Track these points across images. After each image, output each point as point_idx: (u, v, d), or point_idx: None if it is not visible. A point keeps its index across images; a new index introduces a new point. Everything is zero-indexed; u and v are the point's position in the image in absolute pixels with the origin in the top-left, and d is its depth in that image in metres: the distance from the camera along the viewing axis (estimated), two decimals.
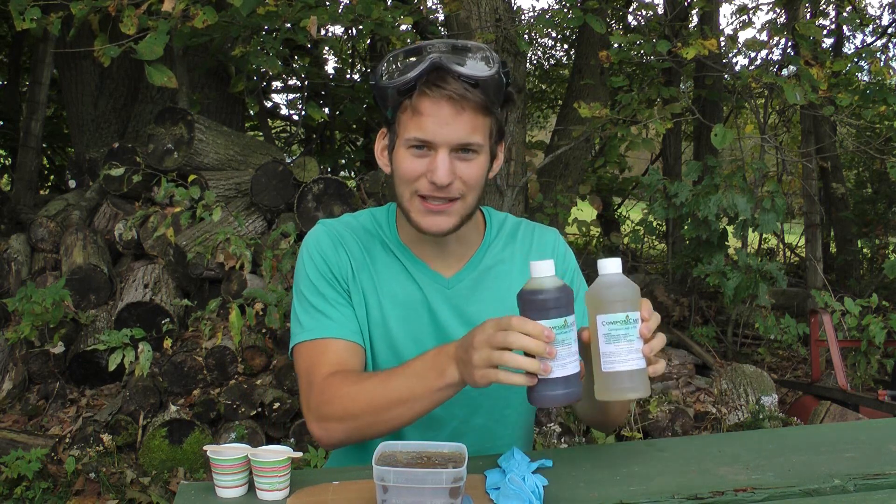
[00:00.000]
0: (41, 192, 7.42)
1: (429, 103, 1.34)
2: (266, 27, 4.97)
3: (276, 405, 3.76)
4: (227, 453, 1.25)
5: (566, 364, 1.18)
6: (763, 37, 6.19)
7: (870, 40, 8.51)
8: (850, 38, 8.53)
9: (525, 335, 1.15)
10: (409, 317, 1.48)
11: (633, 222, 8.15)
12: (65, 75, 6.27)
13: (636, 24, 7.93)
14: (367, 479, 1.19)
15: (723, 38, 5.50)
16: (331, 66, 9.49)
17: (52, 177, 9.09)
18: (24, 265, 4.61)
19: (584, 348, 1.24)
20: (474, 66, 1.34)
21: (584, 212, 7.11)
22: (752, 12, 7.06)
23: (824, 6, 7.11)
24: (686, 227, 4.87)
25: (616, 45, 4.97)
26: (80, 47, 5.09)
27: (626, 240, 7.77)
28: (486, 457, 1.39)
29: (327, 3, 4.87)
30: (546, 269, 1.19)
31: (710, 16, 6.75)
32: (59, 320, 4.01)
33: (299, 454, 1.27)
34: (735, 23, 10.51)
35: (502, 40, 4.72)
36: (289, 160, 6.14)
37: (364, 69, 9.38)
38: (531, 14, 9.39)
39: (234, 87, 5.46)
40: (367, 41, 8.93)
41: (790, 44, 5.76)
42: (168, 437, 3.67)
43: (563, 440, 3.78)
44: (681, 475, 1.31)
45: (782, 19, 6.36)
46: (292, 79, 7.93)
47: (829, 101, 4.76)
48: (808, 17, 6.50)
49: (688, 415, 4.01)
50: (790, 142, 9.00)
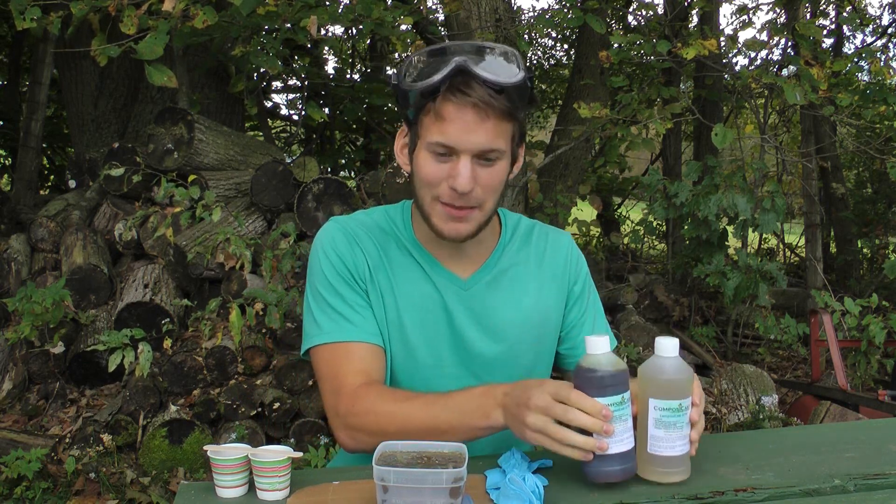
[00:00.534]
0: (41, 192, 7.42)
1: (453, 109, 1.31)
2: (266, 27, 4.97)
3: (276, 405, 3.76)
4: (227, 453, 1.24)
5: (623, 440, 1.19)
6: (763, 37, 6.19)
7: (870, 40, 8.52)
8: (850, 38, 8.54)
9: (583, 413, 1.15)
10: (424, 317, 1.47)
11: (633, 222, 8.16)
12: (65, 75, 6.27)
13: (636, 24, 7.92)
14: (367, 479, 1.19)
15: (723, 38, 5.50)
16: (331, 66, 9.50)
17: (52, 177, 9.09)
18: (24, 265, 4.61)
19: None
20: (499, 71, 1.31)
21: (584, 212, 7.11)
22: (752, 12, 7.07)
23: (824, 6, 7.11)
24: (686, 227, 4.87)
25: (616, 45, 4.97)
26: (80, 47, 5.09)
27: (626, 240, 7.77)
28: (486, 457, 1.39)
29: (327, 3, 4.87)
30: (602, 345, 1.20)
31: (710, 16, 6.76)
32: (59, 320, 4.01)
33: (299, 454, 1.27)
34: (735, 23, 10.53)
35: (502, 40, 4.72)
36: (289, 160, 6.14)
37: (364, 69, 9.39)
38: (531, 14, 9.39)
39: (234, 87, 5.46)
40: (367, 41, 8.95)
41: (790, 44, 5.76)
42: (168, 437, 3.67)
43: None
44: None
45: (782, 19, 6.36)
46: (292, 79, 7.93)
47: (829, 101, 4.76)
48: (808, 17, 6.50)
49: None
50: (790, 142, 9.00)
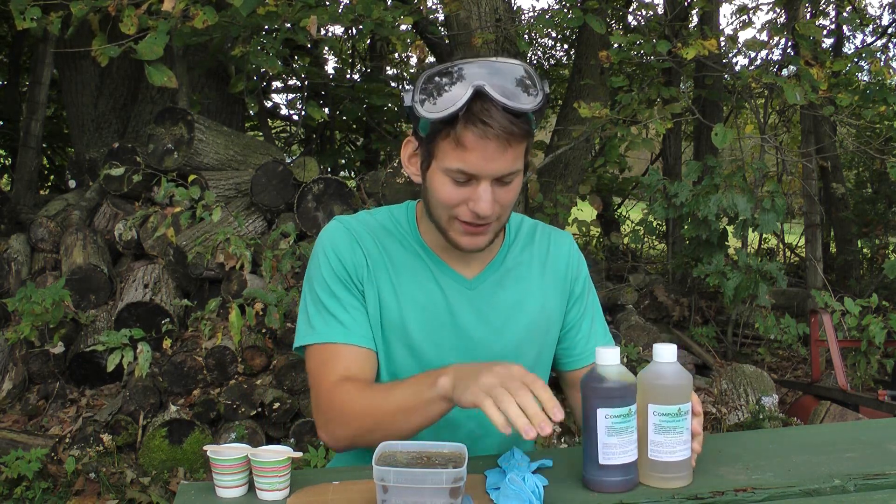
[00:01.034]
0: (41, 192, 7.41)
1: (473, 138, 1.28)
2: (266, 27, 4.97)
3: (276, 405, 3.76)
4: (227, 453, 1.24)
5: (626, 452, 1.20)
6: (763, 37, 6.20)
7: (870, 40, 8.52)
8: (850, 38, 8.54)
9: (534, 400, 1.14)
10: (428, 318, 1.47)
11: (633, 222, 8.17)
12: (65, 75, 6.27)
13: (636, 24, 7.92)
14: (367, 479, 1.19)
15: (723, 38, 5.50)
16: (331, 66, 9.50)
17: (52, 177, 9.09)
18: (24, 265, 4.61)
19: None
20: (520, 97, 1.28)
21: (584, 212, 7.12)
22: (752, 12, 7.07)
23: (824, 6, 7.11)
24: (686, 227, 4.87)
25: (616, 45, 4.97)
26: (80, 47, 5.09)
27: (626, 240, 7.78)
28: (486, 457, 1.39)
29: (327, 3, 4.87)
30: (612, 357, 1.21)
31: (710, 16, 6.75)
32: (59, 320, 4.01)
33: (299, 454, 1.27)
34: (735, 23, 10.52)
35: (502, 40, 4.72)
36: (289, 160, 6.14)
37: (364, 69, 9.39)
38: (531, 14, 9.39)
39: (234, 87, 5.46)
40: (367, 41, 8.95)
41: (790, 44, 5.76)
42: (168, 437, 3.67)
43: (563, 440, 3.78)
44: None
45: (782, 19, 6.36)
46: (292, 79, 7.93)
47: (829, 101, 4.76)
48: (808, 17, 6.51)
49: None
50: (790, 142, 9.01)
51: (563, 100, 7.88)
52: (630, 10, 8.22)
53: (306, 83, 6.87)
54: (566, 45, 10.10)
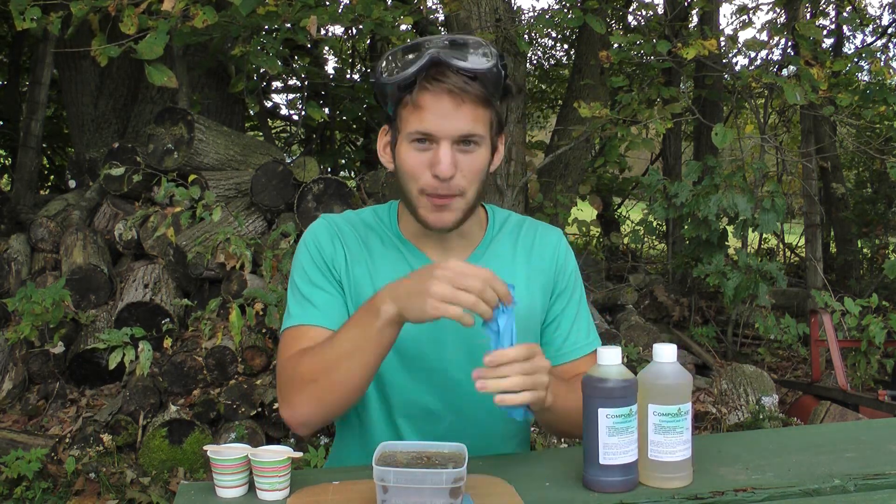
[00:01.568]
0: (41, 192, 7.41)
1: (429, 97, 1.35)
2: (266, 27, 4.97)
3: (276, 405, 3.76)
4: (227, 453, 1.24)
5: (627, 452, 1.20)
6: (763, 37, 6.20)
7: (870, 40, 8.52)
8: (850, 38, 8.54)
9: (489, 289, 1.21)
10: None
11: (633, 222, 8.15)
12: (65, 75, 6.27)
13: (636, 24, 7.93)
14: (367, 479, 1.19)
15: (723, 38, 5.50)
16: (331, 66, 9.50)
17: (52, 177, 9.08)
18: (24, 265, 4.61)
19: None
20: (473, 60, 1.36)
21: (584, 212, 7.11)
22: (752, 12, 7.07)
23: (824, 6, 7.11)
24: (686, 227, 4.87)
25: (616, 45, 4.97)
26: (80, 47, 5.09)
27: (626, 240, 7.77)
28: (487, 457, 1.39)
29: (327, 3, 4.87)
30: (613, 356, 1.21)
31: (710, 16, 6.75)
32: (59, 320, 4.01)
33: (299, 454, 1.27)
34: (735, 23, 10.54)
35: (502, 40, 4.72)
36: (289, 160, 6.13)
37: (364, 69, 9.39)
38: (531, 14, 9.40)
39: (234, 87, 5.46)
40: (367, 41, 8.95)
41: (790, 44, 5.76)
42: (168, 437, 3.67)
43: (562, 440, 3.78)
44: None
45: (782, 19, 6.37)
46: (292, 79, 7.93)
47: (829, 101, 4.76)
48: (808, 17, 6.50)
49: None
50: (790, 142, 9.00)
51: (563, 100, 7.89)
52: (630, 10, 8.22)
53: (306, 83, 6.87)
54: (566, 45, 10.10)
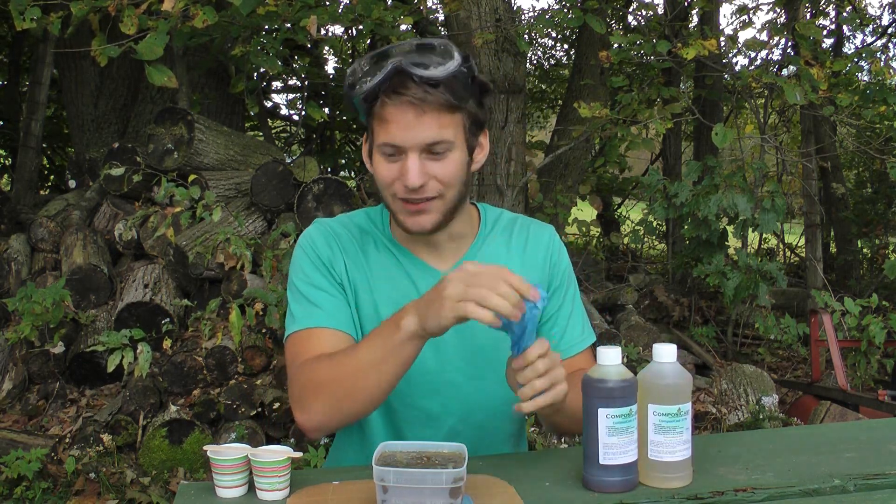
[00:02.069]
0: (41, 192, 7.41)
1: (392, 109, 1.35)
2: (266, 27, 4.97)
3: (276, 405, 3.76)
4: (227, 453, 1.25)
5: (626, 452, 1.20)
6: (763, 37, 6.20)
7: (870, 40, 8.51)
8: (850, 38, 8.53)
9: (507, 285, 1.18)
10: None
11: (633, 222, 8.14)
12: (65, 75, 6.27)
13: (636, 24, 7.93)
14: (367, 479, 1.19)
15: (723, 38, 5.50)
16: (331, 66, 9.49)
17: (52, 177, 9.08)
18: (24, 265, 4.61)
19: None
20: (435, 67, 1.33)
21: (584, 212, 7.11)
22: (752, 12, 7.07)
23: (824, 6, 7.11)
24: (686, 227, 4.87)
25: (616, 45, 4.97)
26: (80, 47, 5.09)
27: (626, 240, 7.77)
28: (487, 457, 1.39)
29: (327, 3, 4.87)
30: (613, 357, 1.21)
31: (710, 16, 6.75)
32: (59, 320, 4.01)
33: (299, 454, 1.27)
34: (735, 23, 10.54)
35: (502, 40, 4.72)
36: (289, 160, 6.14)
37: None
38: (531, 14, 9.40)
39: (234, 87, 5.46)
40: (367, 41, 8.93)
41: (790, 44, 5.76)
42: (168, 437, 3.67)
43: (563, 440, 3.78)
44: None
45: (782, 19, 6.36)
46: (292, 79, 7.94)
47: (829, 101, 4.76)
48: (808, 17, 6.50)
49: None
50: (790, 142, 9.00)
51: (563, 100, 7.88)
52: (630, 10, 8.23)
53: (306, 83, 6.87)
54: (566, 45, 10.10)
